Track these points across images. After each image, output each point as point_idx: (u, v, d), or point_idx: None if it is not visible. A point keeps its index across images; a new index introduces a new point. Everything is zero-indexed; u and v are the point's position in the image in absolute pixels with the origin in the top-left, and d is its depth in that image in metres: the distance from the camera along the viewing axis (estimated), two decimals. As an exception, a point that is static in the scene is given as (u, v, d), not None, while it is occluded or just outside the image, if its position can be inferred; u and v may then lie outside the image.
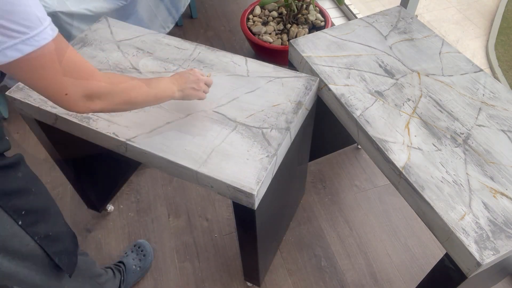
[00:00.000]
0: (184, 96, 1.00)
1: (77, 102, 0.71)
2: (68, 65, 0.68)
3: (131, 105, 0.85)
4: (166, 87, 0.95)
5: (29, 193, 0.82)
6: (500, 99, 1.14)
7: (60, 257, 0.90)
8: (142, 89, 0.86)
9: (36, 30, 0.61)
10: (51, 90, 0.68)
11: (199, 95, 1.03)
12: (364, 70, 1.24)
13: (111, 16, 1.88)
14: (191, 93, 1.00)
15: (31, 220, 0.81)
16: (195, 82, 1.01)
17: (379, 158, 1.05)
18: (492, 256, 0.81)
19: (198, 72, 1.03)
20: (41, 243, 0.84)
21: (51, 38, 0.64)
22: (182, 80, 0.99)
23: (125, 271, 1.46)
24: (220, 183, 0.95)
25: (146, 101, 0.89)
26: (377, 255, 1.58)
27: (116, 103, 0.80)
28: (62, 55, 0.66)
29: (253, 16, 2.35)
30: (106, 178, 1.70)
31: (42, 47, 0.63)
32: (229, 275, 1.54)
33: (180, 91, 0.98)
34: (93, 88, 0.73)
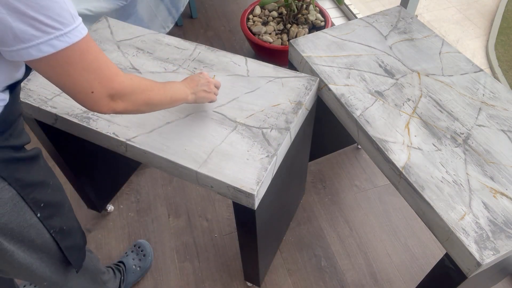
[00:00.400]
0: (197, 99, 1.01)
1: (101, 101, 0.72)
2: (95, 64, 0.69)
3: (151, 106, 0.86)
4: (180, 90, 0.95)
5: (48, 186, 0.84)
6: (500, 99, 1.14)
7: (70, 251, 0.93)
8: (160, 91, 0.87)
9: (69, 27, 0.62)
10: (78, 87, 0.69)
11: (211, 97, 1.04)
12: (364, 70, 1.24)
13: (111, 16, 1.88)
14: (204, 95, 1.01)
15: (48, 213, 0.83)
16: (205, 84, 1.02)
17: (379, 158, 1.05)
18: (492, 256, 0.81)
19: (206, 75, 1.05)
20: (56, 236, 0.86)
21: (82, 36, 0.65)
22: (194, 83, 1.00)
23: (125, 271, 1.46)
24: (220, 183, 0.95)
25: (163, 103, 0.90)
26: (377, 255, 1.58)
27: (138, 104, 0.81)
28: (90, 53, 0.67)
29: (253, 16, 2.35)
30: (106, 178, 1.70)
31: (73, 44, 0.63)
32: (229, 275, 1.54)
33: (193, 94, 0.99)
34: (117, 88, 0.73)
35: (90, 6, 1.85)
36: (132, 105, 0.79)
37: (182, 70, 1.22)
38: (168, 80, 1.18)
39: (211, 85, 1.03)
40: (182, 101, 0.97)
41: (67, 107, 1.11)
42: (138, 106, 0.81)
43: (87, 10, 1.84)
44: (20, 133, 0.79)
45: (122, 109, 0.77)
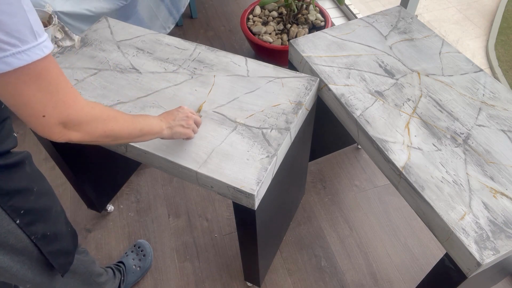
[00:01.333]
0: (173, 134, 0.95)
1: (52, 127, 0.66)
2: (52, 87, 0.64)
3: (113, 138, 0.79)
4: (153, 123, 0.90)
5: (30, 193, 0.81)
6: (500, 99, 1.14)
7: (55, 256, 0.90)
8: (127, 123, 0.81)
9: (28, 45, 0.58)
10: (29, 109, 0.63)
11: (188, 133, 0.98)
12: (364, 70, 1.24)
13: (111, 16, 1.88)
14: (180, 130, 0.95)
15: (29, 220, 0.81)
16: (183, 119, 0.96)
17: (379, 158, 1.05)
18: (492, 256, 0.81)
19: (187, 110, 0.99)
20: (37, 242, 0.84)
21: (42, 55, 0.60)
22: (171, 117, 0.95)
23: (125, 271, 1.46)
24: (220, 183, 0.95)
25: (130, 136, 0.84)
26: (377, 255, 1.58)
27: (96, 135, 0.74)
28: (49, 74, 0.63)
29: (253, 16, 2.35)
30: (106, 178, 1.70)
31: (31, 63, 0.59)
32: (229, 275, 1.54)
33: (168, 128, 0.93)
34: (73, 115, 0.68)
35: (90, 6, 1.85)
36: (89, 136, 0.73)
37: (182, 70, 1.22)
38: (168, 80, 1.18)
39: (190, 120, 0.97)
40: (156, 135, 0.91)
41: (67, 107, 1.11)
42: (97, 137, 0.75)
43: (87, 11, 1.84)
44: (5, 138, 0.76)
45: (77, 139, 0.71)
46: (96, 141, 0.76)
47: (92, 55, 1.27)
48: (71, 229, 0.99)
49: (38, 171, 0.87)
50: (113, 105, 1.11)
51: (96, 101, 1.12)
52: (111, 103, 1.12)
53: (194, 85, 1.17)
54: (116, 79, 1.19)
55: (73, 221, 1.70)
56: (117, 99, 1.13)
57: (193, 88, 1.16)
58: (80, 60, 1.26)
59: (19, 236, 0.80)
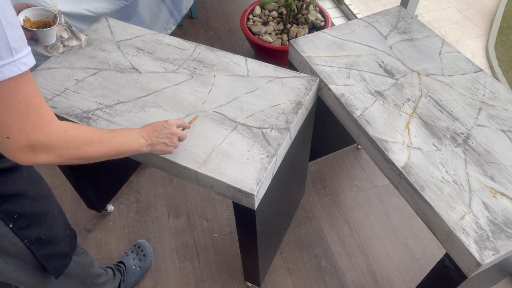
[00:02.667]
0: (153, 151, 0.91)
1: (18, 150, 0.62)
2: (22, 107, 0.60)
3: (85, 160, 0.76)
4: (133, 141, 0.86)
5: (25, 197, 0.81)
6: (500, 99, 1.14)
7: (48, 259, 0.89)
8: (102, 144, 0.78)
9: (2, 61, 0.55)
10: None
11: (169, 151, 0.94)
12: (364, 70, 1.24)
13: (112, 17, 1.88)
14: (161, 148, 0.92)
15: (23, 224, 0.80)
16: (168, 137, 0.92)
17: (379, 158, 1.05)
18: (492, 256, 0.81)
19: (174, 124, 0.94)
20: (31, 246, 0.83)
21: (18, 72, 0.57)
22: (154, 133, 0.91)
23: (125, 271, 1.46)
24: (220, 183, 0.95)
25: (106, 155, 0.80)
26: (377, 255, 1.58)
27: (66, 158, 0.71)
28: (21, 93, 0.59)
29: (253, 16, 2.35)
30: (106, 178, 1.70)
31: (3, 80, 0.56)
32: (229, 275, 1.54)
33: (149, 146, 0.90)
34: (42, 139, 0.64)
35: (91, 6, 1.85)
36: (60, 159, 0.70)
37: (182, 70, 1.22)
38: (168, 80, 1.18)
39: (174, 138, 0.93)
40: (134, 152, 0.88)
41: (67, 107, 1.11)
42: (67, 160, 0.72)
43: (88, 11, 1.84)
44: None
45: (45, 161, 0.67)
46: (66, 163, 0.73)
47: (92, 55, 1.27)
48: (70, 232, 0.98)
49: (36, 173, 0.86)
50: (113, 105, 1.12)
51: (98, 99, 1.12)
52: (111, 103, 1.12)
53: (194, 85, 1.17)
54: (116, 79, 1.19)
55: (73, 221, 1.70)
56: (117, 99, 1.13)
57: (193, 88, 1.16)
58: (80, 60, 1.26)
59: (12, 239, 0.80)
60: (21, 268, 0.86)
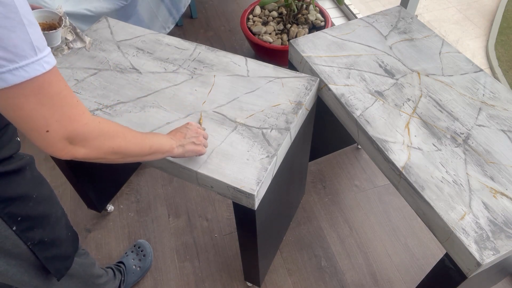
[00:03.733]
0: (185, 152, 0.91)
1: (58, 143, 0.63)
2: (56, 100, 0.61)
3: (121, 155, 0.76)
4: (163, 141, 0.86)
5: (29, 199, 0.80)
6: (500, 99, 1.14)
7: (51, 261, 0.89)
8: (136, 139, 0.78)
9: (27, 60, 0.55)
10: (31, 124, 0.60)
11: (201, 150, 0.95)
12: (364, 70, 1.24)
13: (111, 16, 1.88)
14: (193, 148, 0.92)
15: (26, 226, 0.80)
16: (194, 136, 0.93)
17: (379, 158, 1.05)
18: (492, 256, 0.81)
19: (195, 125, 0.95)
20: (33, 248, 0.83)
21: (43, 71, 0.58)
22: (181, 135, 0.91)
23: (125, 271, 1.46)
24: (220, 183, 0.95)
25: (140, 153, 0.80)
26: (377, 255, 1.58)
27: (103, 152, 0.71)
28: (52, 88, 0.60)
29: (253, 16, 2.35)
30: (106, 178, 1.70)
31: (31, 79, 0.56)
32: (229, 275, 1.54)
33: (180, 146, 0.90)
34: (79, 130, 0.65)
35: (91, 6, 1.85)
36: (97, 152, 0.70)
37: (182, 70, 1.22)
38: (168, 80, 1.18)
39: (200, 137, 0.94)
40: (166, 153, 0.87)
41: (67, 107, 1.11)
42: (104, 154, 0.71)
43: (87, 11, 1.84)
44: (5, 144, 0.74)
45: (83, 155, 0.68)
46: (104, 158, 0.73)
47: (92, 55, 1.27)
48: (72, 234, 0.98)
49: (40, 176, 0.86)
50: (113, 105, 1.12)
51: (98, 99, 1.12)
52: (111, 103, 1.12)
53: (194, 85, 1.17)
54: (116, 79, 1.19)
55: (73, 221, 1.70)
56: (117, 99, 1.13)
57: (193, 88, 1.16)
58: (80, 60, 1.26)
59: (16, 242, 0.80)
60: (23, 269, 0.86)
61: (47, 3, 1.73)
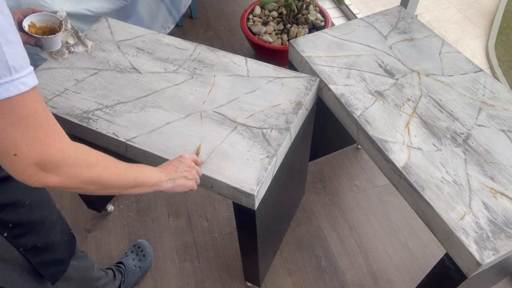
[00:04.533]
0: (175, 187, 0.87)
1: (26, 168, 0.58)
2: (28, 122, 0.57)
3: (100, 186, 0.70)
4: (150, 174, 0.81)
5: (21, 206, 0.79)
6: (500, 99, 1.14)
7: (45, 266, 0.88)
8: (118, 170, 0.73)
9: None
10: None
11: (192, 186, 0.90)
12: (364, 70, 1.24)
13: (111, 16, 1.88)
14: (183, 183, 0.88)
15: (18, 232, 0.79)
16: (187, 170, 0.88)
17: (379, 158, 1.05)
18: (492, 256, 0.81)
19: (190, 158, 0.91)
20: (26, 254, 0.82)
21: (17, 92, 0.54)
22: (172, 168, 0.87)
23: (125, 272, 1.46)
24: (220, 183, 0.95)
25: (122, 185, 0.75)
26: (377, 255, 1.58)
27: (79, 181, 0.65)
28: (26, 109, 0.56)
29: (253, 16, 2.35)
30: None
31: (1, 100, 0.53)
32: (229, 275, 1.54)
33: (170, 181, 0.85)
34: (51, 156, 0.60)
35: (91, 6, 1.85)
36: (72, 181, 0.64)
37: (182, 70, 1.22)
38: (168, 80, 1.18)
39: (193, 171, 0.90)
40: (154, 187, 0.82)
41: (67, 107, 1.11)
42: (80, 183, 0.66)
43: (87, 11, 1.84)
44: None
45: (55, 184, 0.62)
46: (81, 188, 0.67)
47: (92, 55, 1.27)
48: (68, 238, 0.96)
49: None
50: (113, 105, 1.12)
51: (98, 99, 1.12)
52: (111, 103, 1.12)
53: (194, 85, 1.17)
54: (116, 79, 1.19)
55: (73, 221, 1.70)
56: (117, 99, 1.13)
57: (193, 88, 1.16)
58: (80, 60, 1.26)
59: (7, 247, 0.79)
60: (17, 274, 0.84)
61: (47, 3, 1.73)
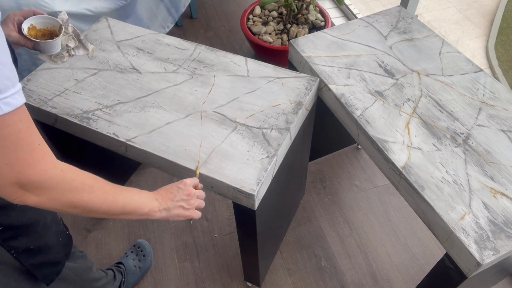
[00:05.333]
0: (170, 217, 0.83)
1: (6, 187, 0.58)
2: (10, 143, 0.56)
3: (83, 211, 0.68)
4: (143, 202, 0.78)
5: (12, 209, 0.78)
6: (500, 99, 1.14)
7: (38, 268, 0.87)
8: (106, 196, 0.71)
9: None
10: None
11: (189, 215, 0.86)
12: (364, 70, 1.24)
13: (111, 16, 1.88)
14: (179, 212, 0.84)
15: (9, 235, 0.78)
16: (184, 199, 0.84)
17: (379, 158, 1.05)
18: (492, 256, 0.81)
19: (190, 184, 0.86)
20: (18, 256, 0.81)
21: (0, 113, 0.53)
22: (169, 196, 0.83)
23: (125, 272, 1.46)
24: (220, 183, 0.95)
25: (108, 212, 0.73)
26: (377, 255, 1.58)
27: (59, 203, 0.64)
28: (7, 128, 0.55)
29: (253, 16, 2.35)
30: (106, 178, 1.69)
31: None
32: (229, 275, 1.54)
33: (165, 210, 0.81)
34: (32, 176, 0.59)
35: (90, 6, 1.85)
36: (51, 203, 0.63)
37: (182, 70, 1.22)
38: (168, 80, 1.18)
39: (193, 199, 0.85)
40: (145, 216, 0.79)
41: (67, 107, 1.11)
42: (61, 206, 0.64)
43: (87, 10, 1.84)
44: None
45: (36, 203, 0.62)
46: (61, 210, 0.65)
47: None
48: (64, 239, 0.95)
49: None
50: (113, 105, 1.12)
51: (98, 99, 1.12)
52: (111, 103, 1.12)
53: (194, 85, 1.17)
54: (116, 79, 1.19)
55: (73, 221, 1.70)
56: (117, 99, 1.13)
57: (193, 88, 1.16)
58: (80, 60, 1.26)
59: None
60: (10, 274, 0.84)
61: (47, 3, 1.73)
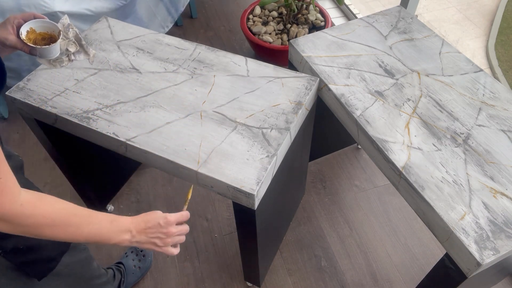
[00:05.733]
0: (141, 247, 0.84)
1: None
2: None
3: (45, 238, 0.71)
4: (110, 236, 0.77)
5: None
6: (500, 99, 1.14)
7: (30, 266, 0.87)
8: (68, 229, 0.72)
9: None
10: None
11: (162, 251, 0.86)
12: (364, 70, 1.24)
13: (110, 15, 1.88)
14: (150, 247, 0.84)
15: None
16: (159, 237, 0.83)
17: (379, 158, 1.05)
18: (492, 256, 0.81)
19: (173, 222, 0.84)
20: (6, 256, 0.81)
21: None
22: (146, 229, 0.82)
23: (125, 272, 1.46)
24: (220, 183, 0.95)
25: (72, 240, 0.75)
26: (377, 255, 1.58)
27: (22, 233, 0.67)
28: None
29: (253, 16, 2.35)
30: (106, 178, 1.70)
31: None
32: (229, 275, 1.54)
33: (136, 242, 0.81)
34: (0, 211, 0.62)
35: (90, 6, 1.85)
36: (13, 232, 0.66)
37: (182, 70, 1.22)
38: (168, 80, 1.18)
39: (169, 239, 0.83)
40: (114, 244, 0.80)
41: (67, 107, 1.11)
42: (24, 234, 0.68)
43: (87, 10, 1.84)
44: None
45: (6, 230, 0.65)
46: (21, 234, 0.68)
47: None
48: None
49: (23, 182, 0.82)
50: (113, 105, 1.12)
51: (98, 99, 1.12)
52: (111, 103, 1.12)
53: (194, 85, 1.17)
54: (116, 79, 1.19)
55: (73, 221, 1.69)
56: (117, 99, 1.13)
57: (193, 88, 1.16)
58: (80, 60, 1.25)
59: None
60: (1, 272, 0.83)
61: (47, 3, 1.73)
